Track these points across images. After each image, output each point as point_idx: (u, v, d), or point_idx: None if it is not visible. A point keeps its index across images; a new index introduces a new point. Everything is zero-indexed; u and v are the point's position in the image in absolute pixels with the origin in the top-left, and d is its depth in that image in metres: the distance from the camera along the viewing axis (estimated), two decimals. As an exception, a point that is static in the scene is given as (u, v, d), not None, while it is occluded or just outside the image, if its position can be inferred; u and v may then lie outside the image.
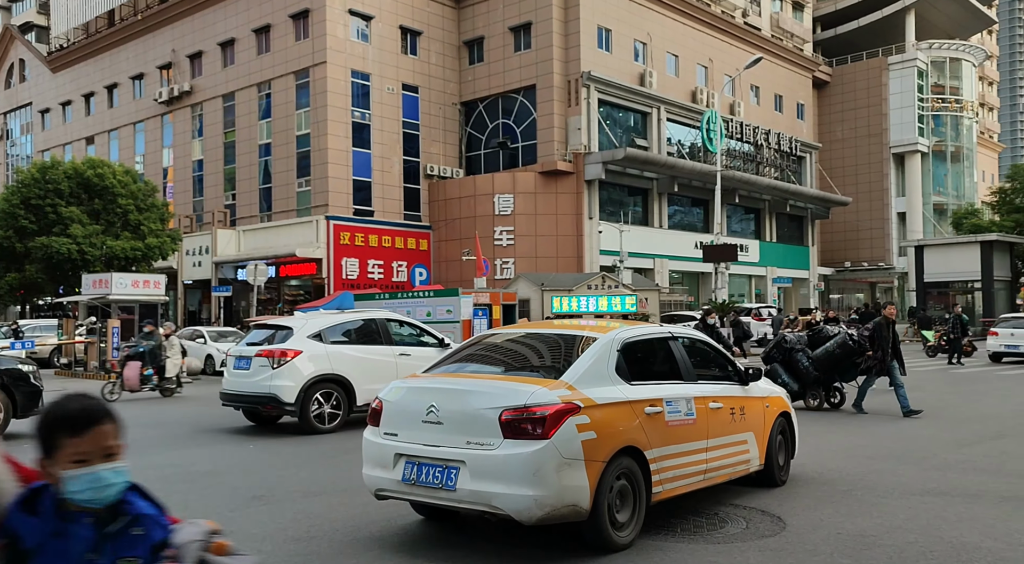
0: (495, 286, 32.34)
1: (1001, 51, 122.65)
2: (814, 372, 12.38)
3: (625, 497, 5.19)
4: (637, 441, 5.26)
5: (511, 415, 4.85)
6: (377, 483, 5.38)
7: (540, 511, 4.78)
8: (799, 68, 52.87)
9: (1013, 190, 51.30)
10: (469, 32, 40.12)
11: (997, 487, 6.95)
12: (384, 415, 5.43)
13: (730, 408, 6.35)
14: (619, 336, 5.72)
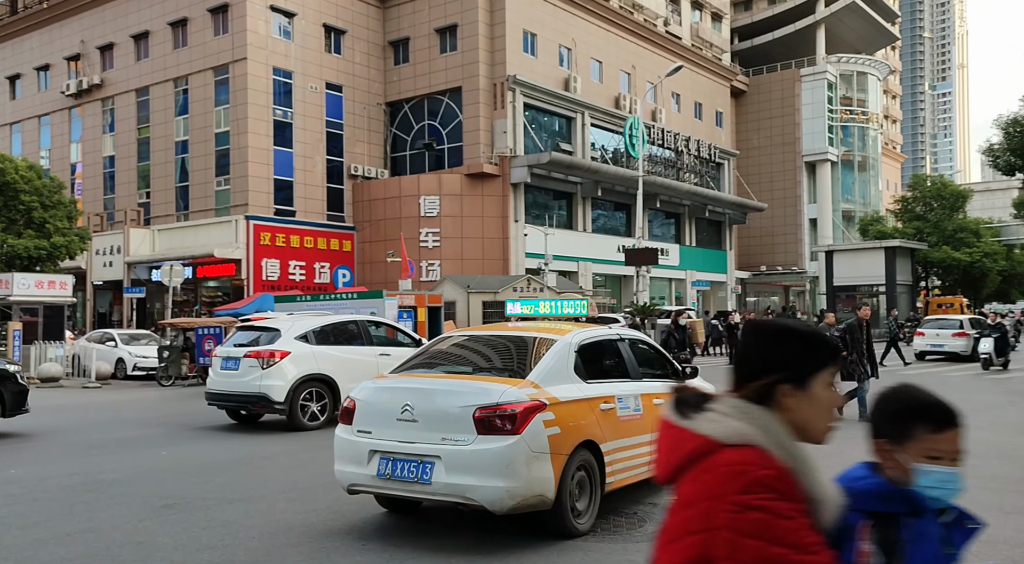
0: (420, 288, 32.13)
1: (903, 66, 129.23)
2: None
3: (583, 487, 5.61)
4: (594, 435, 5.69)
5: (484, 412, 5.20)
6: (350, 478, 5.63)
7: (511, 501, 5.15)
8: (718, 77, 54.47)
9: (914, 199, 54.16)
10: (394, 32, 39.82)
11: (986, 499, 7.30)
12: (357, 414, 5.67)
13: None
14: (575, 338, 6.13)
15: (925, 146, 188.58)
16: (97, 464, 8.54)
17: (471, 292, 29.04)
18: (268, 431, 11.05)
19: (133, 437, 10.56)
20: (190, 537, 5.61)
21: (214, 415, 12.93)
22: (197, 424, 11.81)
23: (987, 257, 50.27)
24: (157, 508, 6.47)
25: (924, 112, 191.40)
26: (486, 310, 28.89)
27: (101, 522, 6.04)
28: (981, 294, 55.22)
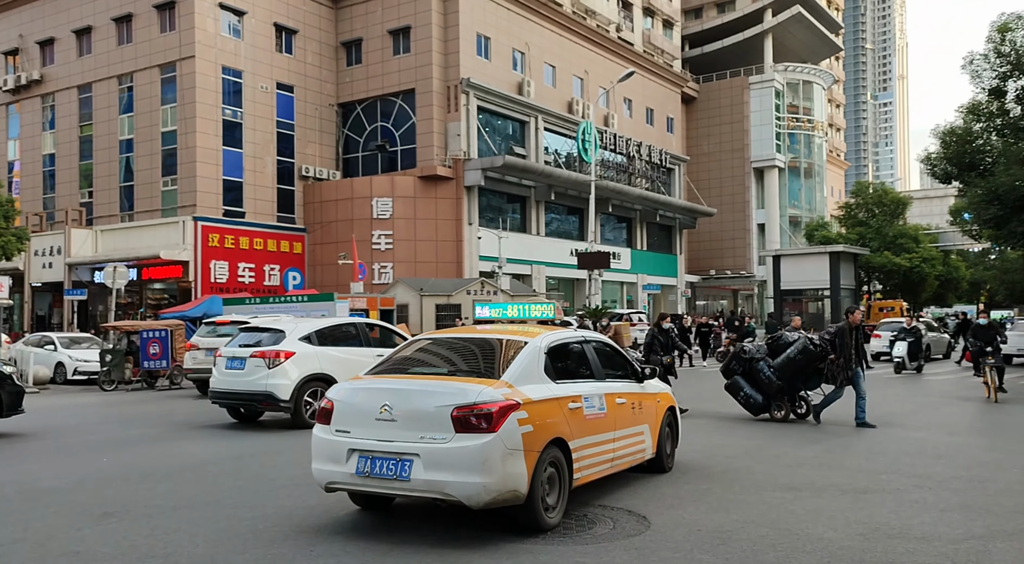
0: (373, 291, 31.88)
1: (846, 76, 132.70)
2: (777, 382, 11.67)
3: (553, 483, 5.84)
4: (563, 433, 5.96)
5: (462, 411, 5.42)
6: (328, 477, 5.79)
7: (487, 496, 5.35)
8: (669, 83, 55.25)
9: (857, 205, 55.72)
10: (347, 33, 39.47)
11: (839, 481, 7.51)
12: (335, 414, 5.84)
13: (631, 403, 7.22)
14: (545, 340, 6.43)
15: (868, 154, 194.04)
16: (34, 472, 8.26)
17: (424, 295, 28.90)
18: (218, 436, 10.84)
19: (72, 444, 10.26)
20: (131, 546, 5.47)
21: (159, 420, 12.63)
22: (141, 430, 11.53)
23: (925, 262, 51.94)
24: (97, 516, 6.29)
25: (866, 121, 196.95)
26: (439, 313, 28.79)
27: (36, 532, 5.85)
28: (920, 298, 57.00)
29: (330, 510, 6.37)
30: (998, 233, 28.58)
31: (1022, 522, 5.98)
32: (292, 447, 9.60)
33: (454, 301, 29.28)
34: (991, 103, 29.02)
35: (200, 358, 17.14)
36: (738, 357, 12.17)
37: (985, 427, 11.55)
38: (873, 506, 6.48)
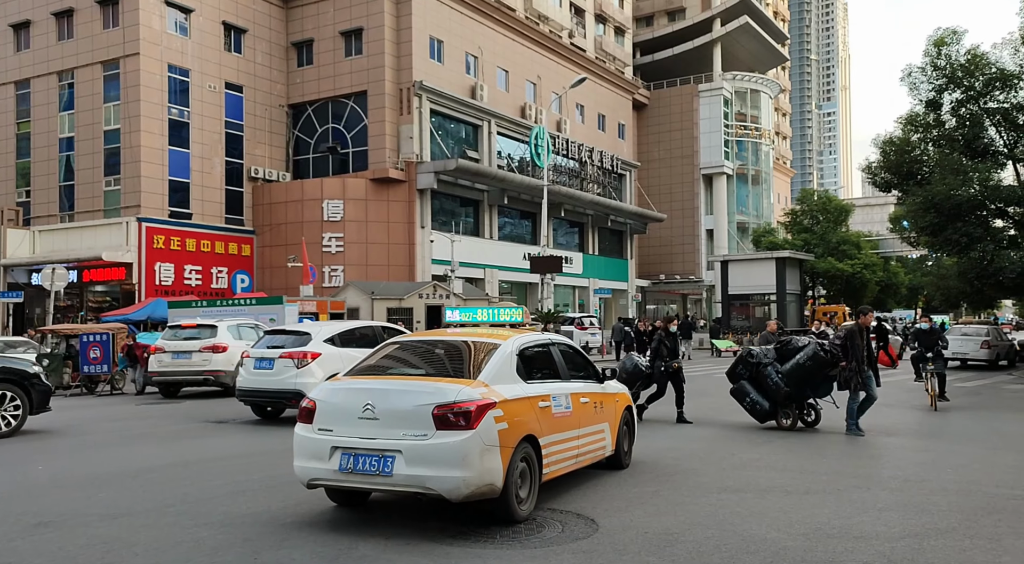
0: (323, 294, 31.53)
1: (792, 86, 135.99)
2: (785, 388, 11.17)
3: (524, 477, 6.14)
4: (534, 430, 6.27)
5: (442, 410, 5.66)
6: (311, 473, 5.98)
7: (466, 490, 5.59)
8: (621, 90, 55.87)
9: (802, 212, 57.06)
10: (298, 34, 38.99)
11: (783, 482, 7.67)
12: (318, 413, 6.03)
13: (594, 402, 7.60)
14: (516, 343, 6.76)
15: (812, 162, 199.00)
16: (-36, 482, 7.95)
17: (375, 298, 28.68)
18: (167, 441, 10.58)
19: (3, 452, 9.89)
20: (66, 556, 5.31)
21: (99, 427, 12.28)
22: (80, 437, 11.19)
23: (867, 268, 53.45)
24: (30, 526, 6.09)
25: (811, 130, 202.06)
26: (391, 317, 28.61)
27: (-33, 544, 5.63)
28: (861, 303, 58.55)
29: (277, 517, 6.27)
30: (934, 240, 29.54)
31: (955, 520, 6.20)
32: (260, 451, 9.42)
33: (406, 305, 29.12)
34: (928, 115, 30.03)
35: (166, 361, 16.77)
36: (744, 361, 11.69)
37: (923, 430, 11.92)
38: (815, 507, 6.64)
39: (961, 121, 29.47)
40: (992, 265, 27.62)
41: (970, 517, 6.29)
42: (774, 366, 11.34)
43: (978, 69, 27.94)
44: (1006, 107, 28.62)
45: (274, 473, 8.06)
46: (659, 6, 66.83)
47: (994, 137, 29.59)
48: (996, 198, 28.52)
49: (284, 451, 8.47)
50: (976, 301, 34.09)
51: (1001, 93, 28.42)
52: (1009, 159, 29.63)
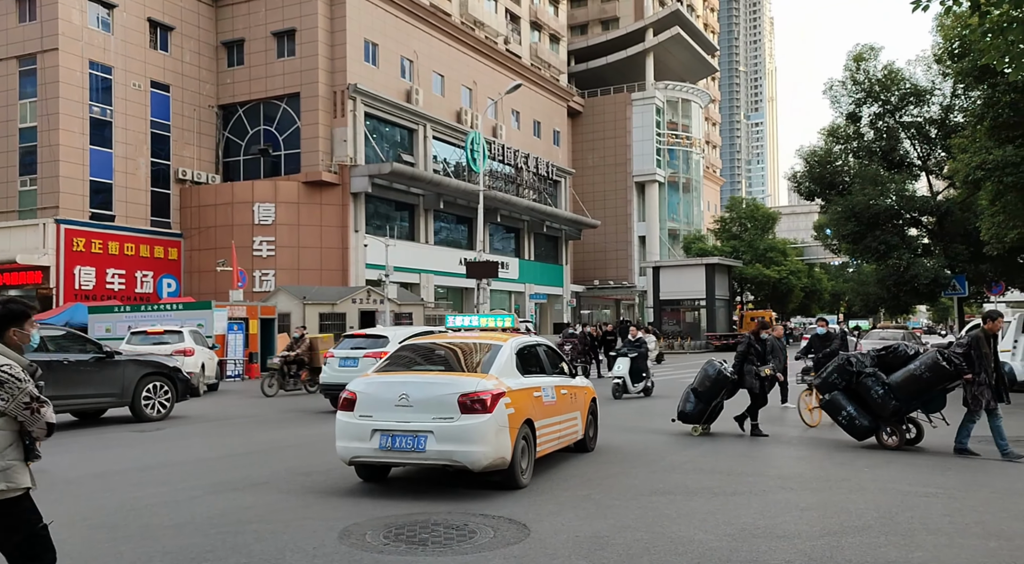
0: (253, 299, 30.84)
1: (722, 96, 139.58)
2: (893, 402, 9.80)
3: (524, 452, 7.58)
4: (532, 415, 7.77)
5: (465, 398, 7.04)
6: (353, 452, 7.31)
7: (485, 461, 7.01)
8: (556, 97, 56.41)
9: (731, 219, 58.65)
10: (228, 33, 38.13)
11: (711, 484, 7.86)
12: (359, 403, 7.34)
13: (570, 394, 9.08)
14: (514, 343, 8.23)
15: (741, 171, 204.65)
16: None
17: (307, 303, 28.19)
18: (85, 448, 10.17)
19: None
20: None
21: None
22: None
23: (792, 274, 55.24)
24: None
25: (740, 139, 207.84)
26: (323, 322, 28.17)
27: None
28: (787, 308, 60.53)
29: (202, 530, 6.11)
30: (855, 248, 30.77)
31: (870, 518, 6.45)
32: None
33: (339, 310, 28.73)
34: (848, 127, 31.30)
35: None
36: (843, 370, 10.29)
37: (840, 431, 12.36)
38: (741, 507, 6.82)
39: (879, 134, 30.82)
40: (908, 272, 28.90)
41: (885, 514, 6.55)
42: (877, 377, 10.00)
43: (894, 84, 29.29)
44: (919, 121, 30.06)
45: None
46: (593, 15, 67.82)
47: (909, 149, 31.06)
48: (911, 208, 29.90)
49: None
50: (893, 306, 35.60)
51: (915, 108, 29.84)
52: (923, 171, 31.13)
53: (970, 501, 7.08)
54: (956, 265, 28.70)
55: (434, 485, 7.80)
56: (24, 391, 3.58)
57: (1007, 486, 7.77)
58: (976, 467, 8.88)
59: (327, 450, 9.86)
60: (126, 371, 13.19)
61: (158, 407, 13.55)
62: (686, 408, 11.51)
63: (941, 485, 7.80)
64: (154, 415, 13.45)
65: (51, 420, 3.66)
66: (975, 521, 6.34)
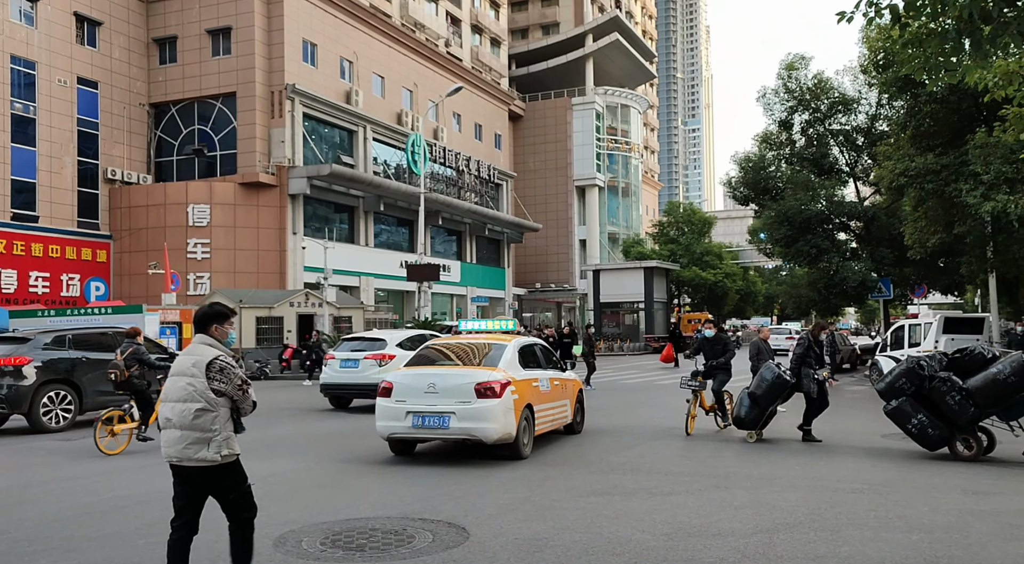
0: (187, 302, 30.04)
1: (660, 103, 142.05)
2: (971, 408, 9.10)
3: (525, 430, 9.56)
4: (531, 400, 9.77)
5: (480, 386, 8.99)
6: (391, 430, 9.29)
7: (496, 435, 8.98)
8: (497, 100, 56.53)
9: (668, 224, 59.69)
10: (160, 29, 37.08)
11: (649, 484, 7.98)
12: (395, 391, 9.32)
13: (562, 384, 11.13)
14: (516, 343, 10.26)
15: (678, 176, 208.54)
16: None
17: (244, 307, 27.58)
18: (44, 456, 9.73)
19: None
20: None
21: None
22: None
23: (728, 277, 56.50)
24: None
25: (678, 145, 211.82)
26: (260, 325, 27.61)
27: None
28: (723, 310, 61.88)
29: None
30: (787, 251, 31.62)
31: (801, 515, 6.64)
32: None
33: (276, 313, 28.20)
34: (781, 134, 32.18)
35: None
36: (912, 374, 9.47)
37: (776, 428, 12.70)
38: (677, 507, 6.94)
39: (810, 141, 31.77)
40: (837, 275, 29.84)
41: (815, 511, 6.76)
42: (952, 382, 9.24)
43: (823, 93, 30.24)
44: (847, 129, 31.10)
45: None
46: (534, 19, 68.23)
47: (838, 156, 32.09)
48: (840, 213, 30.90)
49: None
50: (824, 309, 36.71)
51: (843, 116, 30.87)
52: (851, 177, 32.20)
53: (893, 496, 7.35)
54: (882, 269, 29.77)
55: (374, 490, 7.72)
56: (238, 375, 4.43)
57: (927, 481, 8.10)
58: (899, 463, 9.23)
59: (267, 455, 9.71)
60: None
61: None
62: (741, 413, 11.00)
63: (867, 481, 8.08)
64: None
65: (255, 399, 4.52)
66: (898, 516, 6.58)
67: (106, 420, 10.25)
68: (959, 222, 19.03)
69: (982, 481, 8.10)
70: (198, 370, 4.35)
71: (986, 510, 6.78)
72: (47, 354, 12.89)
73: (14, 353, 12.77)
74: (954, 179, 18.56)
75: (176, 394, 4.38)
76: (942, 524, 6.30)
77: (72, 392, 12.94)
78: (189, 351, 4.48)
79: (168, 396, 4.43)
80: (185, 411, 4.33)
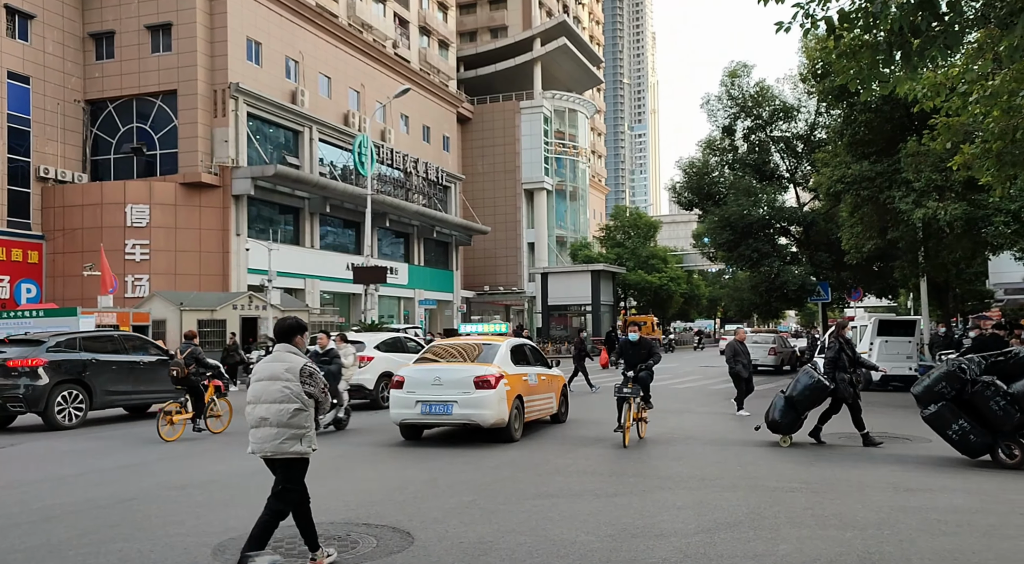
0: (125, 305, 29.20)
1: (607, 108, 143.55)
2: (1018, 414, 8.67)
3: (516, 418, 11.18)
4: (521, 391, 11.41)
5: (479, 379, 10.65)
6: (403, 416, 11.00)
7: (491, 420, 10.62)
8: (445, 102, 56.40)
9: (615, 227, 60.33)
10: (96, 24, 36.00)
11: (594, 486, 8.05)
12: (406, 383, 11.01)
13: (548, 379, 12.77)
14: (508, 343, 11.91)
15: (625, 181, 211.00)
16: None
17: (184, 309, 26.93)
18: None
19: None
20: None
21: None
22: None
23: (673, 281, 57.34)
24: None
25: (624, 150, 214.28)
26: (202, 329, 26.97)
27: None
28: (668, 313, 62.80)
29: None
30: (730, 255, 32.26)
31: (741, 514, 6.78)
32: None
33: (218, 316, 27.61)
34: (724, 140, 32.84)
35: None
36: (953, 377, 9.01)
37: (718, 430, 12.95)
38: (621, 508, 7.01)
39: (752, 147, 32.49)
40: (778, 279, 30.57)
41: (755, 510, 6.91)
42: (995, 387, 8.79)
43: (765, 101, 30.98)
44: (788, 136, 31.92)
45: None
46: (482, 22, 68.28)
47: (779, 162, 32.89)
48: (781, 218, 31.66)
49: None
50: (765, 312, 37.57)
51: (784, 123, 31.67)
52: (791, 183, 33.03)
53: (829, 495, 7.56)
54: (820, 272, 30.60)
55: (319, 495, 7.61)
56: (322, 379, 5.07)
57: (860, 479, 8.35)
58: (835, 463, 9.50)
59: (212, 459, 9.49)
60: None
61: None
62: (776, 417, 10.64)
63: (804, 480, 8.29)
64: None
65: (332, 400, 5.63)
66: (833, 513, 6.77)
67: (167, 411, 11.97)
68: (892, 228, 19.67)
69: (912, 479, 8.38)
70: (292, 375, 4.97)
71: (915, 507, 7.02)
72: (59, 356, 13.62)
73: (29, 355, 13.38)
74: (887, 186, 19.19)
75: (272, 396, 4.97)
76: (874, 521, 6.50)
77: (83, 392, 13.75)
78: (276, 358, 5.08)
79: (261, 398, 5.01)
80: (283, 411, 4.95)
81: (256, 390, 5.04)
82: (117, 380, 14.16)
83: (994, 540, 5.91)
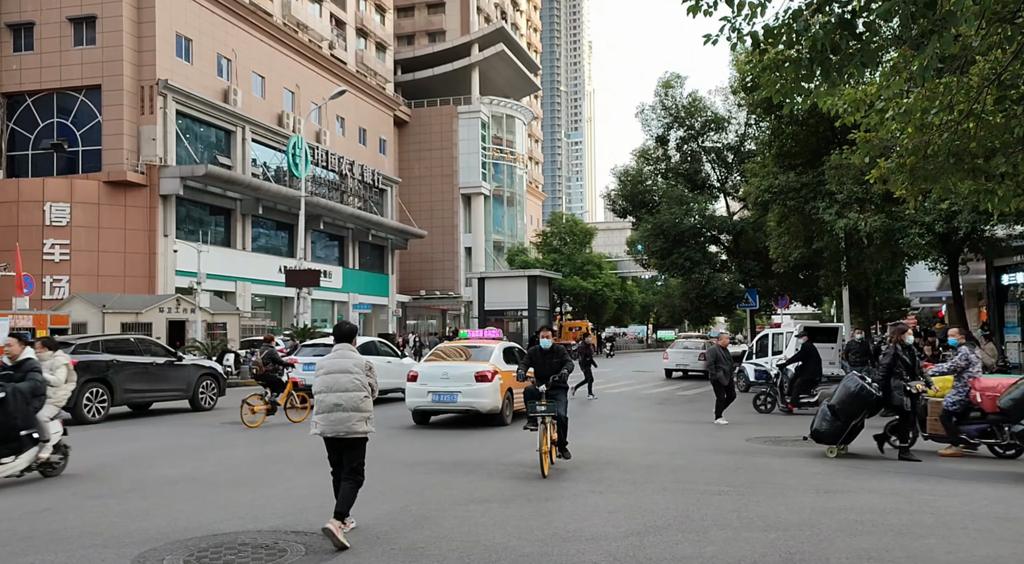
0: (43, 307, 28.03)
1: (544, 115, 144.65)
2: None
3: (507, 407, 13.73)
4: (511, 385, 13.58)
5: (478, 374, 13.13)
6: (416, 404, 13.58)
7: (488, 408, 13.25)
8: (382, 105, 55.96)
9: (552, 234, 60.81)
10: (14, 14, 34.54)
11: (526, 491, 8.08)
12: (420, 377, 13.52)
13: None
14: (501, 345, 14.40)
15: (561, 187, 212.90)
16: None
17: (107, 312, 25.98)
18: None
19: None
20: None
21: None
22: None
23: (607, 287, 58.11)
24: None
25: (561, 157, 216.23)
26: (126, 332, 25.99)
27: None
28: (603, 319, 63.58)
29: None
30: (663, 263, 32.88)
31: (670, 517, 6.91)
32: None
33: (144, 319, 26.73)
34: (657, 149, 33.48)
35: None
36: None
37: (651, 435, 13.17)
38: (553, 513, 7.06)
39: (684, 157, 33.22)
40: (708, 286, 31.30)
41: (683, 513, 7.04)
42: None
43: (698, 111, 31.72)
44: (719, 147, 32.75)
45: None
46: (420, 26, 68.05)
47: (710, 172, 33.70)
48: (712, 227, 32.44)
49: None
50: (696, 318, 38.38)
51: (715, 134, 32.48)
52: (721, 192, 33.88)
53: (755, 497, 7.77)
54: (749, 280, 31.46)
55: (246, 503, 7.43)
56: (375, 372, 6.28)
57: (784, 482, 8.61)
58: (761, 466, 9.77)
59: (141, 464, 9.19)
60: (190, 372, 16.52)
61: (208, 400, 16.74)
62: (821, 426, 10.21)
63: (731, 484, 8.50)
64: (206, 407, 16.55)
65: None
66: (758, 515, 6.96)
67: (249, 402, 13.76)
68: (817, 238, 20.37)
69: (833, 481, 8.69)
70: (359, 369, 6.13)
71: (835, 508, 7.28)
72: (85, 357, 14.58)
73: None
74: (812, 197, 19.87)
75: (344, 386, 6.05)
76: (796, 522, 6.71)
77: (106, 389, 14.85)
78: (341, 355, 6.21)
79: (333, 388, 6.04)
80: (355, 398, 6.04)
81: (327, 382, 6.05)
82: (133, 379, 15.46)
83: (906, 539, 6.17)
